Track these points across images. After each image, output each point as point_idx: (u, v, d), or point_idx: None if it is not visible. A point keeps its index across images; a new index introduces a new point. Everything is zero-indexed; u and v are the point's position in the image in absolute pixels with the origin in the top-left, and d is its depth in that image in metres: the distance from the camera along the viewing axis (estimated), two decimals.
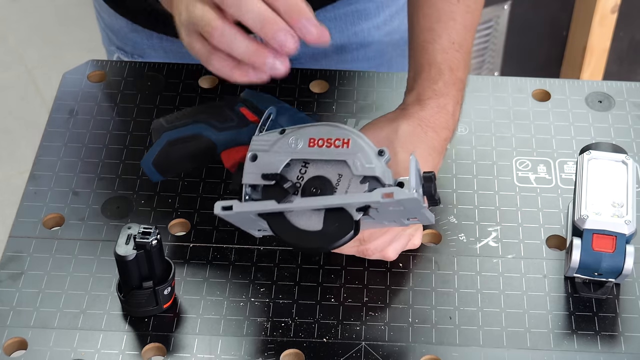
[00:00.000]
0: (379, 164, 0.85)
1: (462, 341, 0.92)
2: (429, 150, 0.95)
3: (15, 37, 2.70)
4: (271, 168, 0.88)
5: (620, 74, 2.20)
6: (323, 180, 0.87)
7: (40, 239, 1.00)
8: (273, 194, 0.88)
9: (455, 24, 0.98)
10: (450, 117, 0.97)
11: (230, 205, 0.87)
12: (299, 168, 0.88)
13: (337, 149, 0.86)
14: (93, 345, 0.91)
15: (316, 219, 0.87)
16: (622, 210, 0.94)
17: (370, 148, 0.86)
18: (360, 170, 0.86)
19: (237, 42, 0.79)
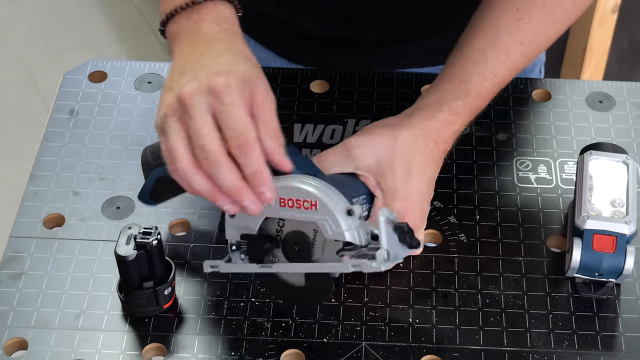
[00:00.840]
0: (348, 226, 0.85)
1: (462, 341, 0.92)
2: (428, 161, 0.95)
3: (15, 37, 2.70)
4: (248, 228, 0.89)
5: (620, 74, 2.20)
6: (300, 235, 0.88)
7: (41, 239, 1.00)
8: (256, 249, 0.90)
9: (506, 60, 0.97)
10: (452, 133, 0.97)
11: (217, 265, 0.91)
12: (277, 221, 0.89)
13: (306, 210, 0.86)
14: (93, 345, 0.91)
15: (299, 275, 0.90)
16: (622, 210, 0.94)
17: (339, 208, 0.86)
18: (330, 235, 0.86)
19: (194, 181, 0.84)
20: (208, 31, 0.91)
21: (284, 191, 0.87)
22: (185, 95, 0.83)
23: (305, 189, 0.86)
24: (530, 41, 0.98)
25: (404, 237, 0.86)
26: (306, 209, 0.86)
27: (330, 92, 1.15)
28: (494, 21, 0.98)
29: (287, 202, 0.87)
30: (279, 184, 0.86)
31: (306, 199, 0.86)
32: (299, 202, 0.86)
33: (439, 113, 0.96)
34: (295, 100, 1.14)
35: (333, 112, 1.13)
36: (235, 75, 0.84)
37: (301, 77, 1.17)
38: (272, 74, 1.17)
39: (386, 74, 1.17)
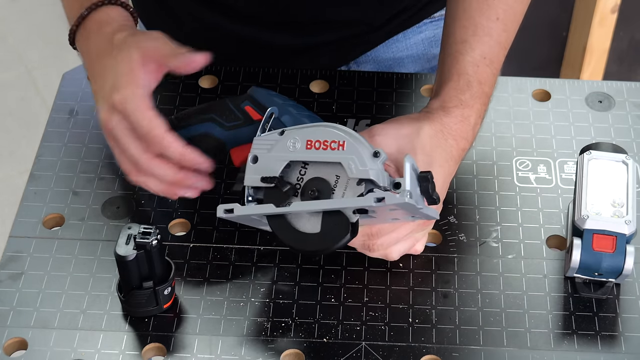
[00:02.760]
0: (373, 166, 0.86)
1: (462, 341, 0.92)
2: (447, 158, 0.95)
3: (15, 37, 2.70)
4: (270, 171, 0.88)
5: (620, 74, 2.20)
6: (321, 181, 0.88)
7: (41, 239, 1.00)
8: (274, 195, 0.88)
9: (490, 40, 0.99)
10: (470, 129, 0.97)
11: (232, 209, 0.89)
12: (299, 169, 0.88)
13: (333, 151, 0.87)
14: (93, 345, 0.91)
15: (315, 221, 0.88)
16: (622, 210, 0.94)
17: (366, 149, 0.86)
18: (354, 173, 0.86)
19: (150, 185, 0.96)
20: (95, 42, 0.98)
21: (310, 134, 0.87)
22: (103, 122, 0.93)
23: (334, 130, 0.87)
24: (505, 14, 1.00)
25: (426, 186, 0.86)
26: (333, 149, 0.87)
27: (330, 92, 1.15)
28: (465, 9, 1.00)
29: (313, 144, 0.87)
30: (304, 129, 0.88)
31: (334, 140, 0.87)
32: (326, 144, 0.87)
33: (452, 109, 0.96)
34: (295, 101, 1.13)
35: (333, 112, 1.13)
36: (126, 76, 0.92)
37: (301, 77, 1.17)
38: (271, 73, 1.17)
39: (386, 74, 1.17)
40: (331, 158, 0.87)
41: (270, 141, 0.89)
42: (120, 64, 0.93)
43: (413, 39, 1.23)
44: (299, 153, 0.88)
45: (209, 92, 1.14)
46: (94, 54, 0.98)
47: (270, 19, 1.17)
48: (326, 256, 0.98)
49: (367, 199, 0.85)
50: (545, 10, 2.11)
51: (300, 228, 0.89)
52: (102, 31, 0.98)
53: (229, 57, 1.17)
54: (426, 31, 1.23)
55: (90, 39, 0.99)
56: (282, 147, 0.88)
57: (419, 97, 1.15)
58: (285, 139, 0.88)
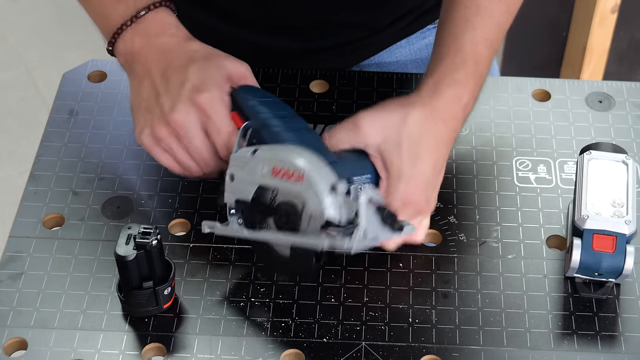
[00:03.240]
0: (331, 203, 0.86)
1: (462, 341, 0.92)
2: (437, 143, 0.94)
3: (15, 37, 2.70)
4: (244, 193, 0.91)
5: (620, 74, 2.20)
6: (290, 206, 0.88)
7: (40, 239, 1.00)
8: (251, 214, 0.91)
9: (491, 21, 0.99)
10: (461, 110, 0.96)
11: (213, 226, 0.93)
12: (271, 190, 0.90)
13: (295, 183, 0.87)
14: (93, 345, 0.91)
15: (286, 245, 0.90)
16: (622, 210, 0.94)
17: (324, 182, 0.86)
18: (312, 209, 0.86)
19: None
20: (160, 44, 0.99)
21: (277, 161, 0.88)
22: (178, 121, 0.95)
23: (293, 161, 0.87)
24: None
25: (385, 220, 0.86)
26: (295, 181, 0.87)
27: (330, 92, 1.15)
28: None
29: (279, 172, 0.88)
30: (272, 152, 0.89)
31: (295, 170, 0.87)
32: (289, 173, 0.87)
33: (445, 88, 0.95)
34: (295, 100, 1.14)
35: (333, 112, 1.13)
36: (211, 84, 0.95)
37: (301, 77, 1.17)
38: (271, 73, 1.17)
39: (386, 74, 1.17)
40: (292, 189, 0.87)
41: (244, 159, 0.91)
42: (209, 70, 0.96)
43: (417, 44, 1.23)
44: (266, 179, 0.89)
45: None
46: (159, 51, 0.98)
47: (268, 22, 1.17)
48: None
49: (320, 239, 0.87)
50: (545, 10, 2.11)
51: (277, 248, 0.91)
52: (170, 32, 1.00)
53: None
54: (429, 37, 1.23)
55: (151, 37, 0.99)
56: (254, 169, 0.90)
57: None
58: (256, 162, 0.89)
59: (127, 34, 0.99)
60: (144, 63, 0.98)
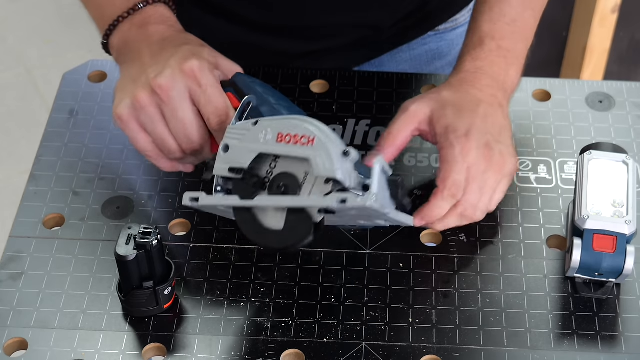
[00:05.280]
0: (342, 165, 0.84)
1: (462, 341, 0.92)
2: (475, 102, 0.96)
3: (15, 37, 2.70)
4: (240, 162, 0.87)
5: (620, 74, 2.19)
6: (290, 177, 0.86)
7: (41, 239, 1.00)
8: (242, 187, 0.87)
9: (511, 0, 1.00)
10: (490, 79, 0.98)
11: (197, 198, 0.88)
12: (269, 162, 0.87)
13: (302, 146, 0.85)
14: (93, 345, 0.91)
15: (279, 217, 0.86)
16: (622, 210, 0.94)
17: (336, 147, 0.84)
18: (321, 171, 0.84)
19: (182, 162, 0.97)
20: (157, 31, 0.96)
21: (283, 126, 0.86)
22: (163, 85, 0.90)
23: (305, 125, 0.85)
24: None
25: (395, 191, 0.85)
26: (303, 144, 0.85)
27: (330, 92, 1.15)
28: None
29: (284, 137, 0.85)
30: (278, 121, 0.86)
31: (304, 135, 0.85)
32: (296, 138, 0.85)
33: (464, 64, 0.99)
34: (295, 100, 1.13)
35: (333, 112, 1.13)
36: (201, 57, 0.92)
37: (301, 77, 1.17)
38: (272, 74, 1.16)
39: (386, 74, 1.17)
40: (299, 153, 0.85)
41: (243, 131, 0.87)
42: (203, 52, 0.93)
43: (417, 50, 1.24)
44: (269, 145, 0.86)
45: None
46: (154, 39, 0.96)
47: (268, 23, 1.17)
48: (326, 255, 0.98)
49: (329, 199, 0.83)
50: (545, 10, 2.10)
51: (265, 223, 0.87)
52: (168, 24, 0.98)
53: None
54: (430, 44, 1.24)
55: (148, 25, 0.97)
56: (254, 137, 0.86)
57: None
58: (258, 130, 0.86)
59: (123, 25, 0.98)
60: (137, 49, 0.96)
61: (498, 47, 0.99)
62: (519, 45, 1.00)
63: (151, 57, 0.93)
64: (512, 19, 1.00)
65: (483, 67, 0.98)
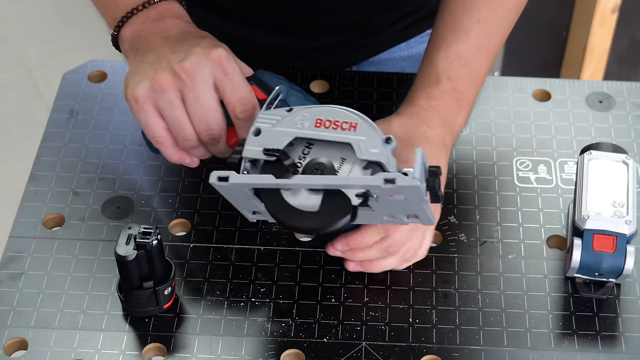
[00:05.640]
0: (384, 150, 0.83)
1: (462, 341, 0.92)
2: (426, 143, 0.94)
3: (15, 37, 2.70)
4: (274, 144, 0.85)
5: (620, 74, 2.19)
6: (325, 162, 0.85)
7: (41, 239, 1.00)
8: (272, 171, 0.85)
9: (468, 40, 0.99)
10: (440, 119, 0.97)
11: (227, 177, 0.84)
12: (302, 148, 0.86)
13: (344, 131, 0.84)
14: (93, 345, 0.91)
15: (313, 200, 0.85)
16: (622, 210, 0.94)
17: (377, 134, 0.84)
18: (364, 154, 0.83)
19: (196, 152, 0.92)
20: (174, 25, 0.94)
21: (320, 112, 0.85)
22: (189, 69, 0.88)
23: (345, 112, 0.85)
24: (487, 17, 0.99)
25: (433, 181, 0.83)
26: (344, 129, 0.84)
27: (330, 92, 1.15)
28: (450, 10, 1.01)
29: (323, 122, 0.85)
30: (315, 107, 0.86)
31: (345, 120, 0.84)
32: (337, 123, 0.84)
33: (417, 100, 0.97)
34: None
35: None
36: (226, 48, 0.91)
37: (301, 77, 1.17)
38: None
39: (386, 74, 1.17)
40: (341, 138, 0.84)
41: (276, 116, 0.86)
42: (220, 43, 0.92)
43: (415, 48, 1.24)
44: (307, 130, 0.85)
45: None
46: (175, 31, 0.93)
47: (268, 21, 1.17)
48: (326, 256, 0.98)
49: (375, 178, 0.81)
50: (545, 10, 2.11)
51: (297, 206, 0.85)
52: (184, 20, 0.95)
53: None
54: None
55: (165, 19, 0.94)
56: (290, 122, 0.85)
57: None
58: (294, 116, 0.86)
59: (138, 17, 0.95)
60: (153, 42, 0.93)
61: (452, 89, 0.98)
62: (471, 88, 1.00)
63: (170, 48, 0.91)
64: (467, 60, 0.99)
65: (437, 107, 0.97)
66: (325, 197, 0.84)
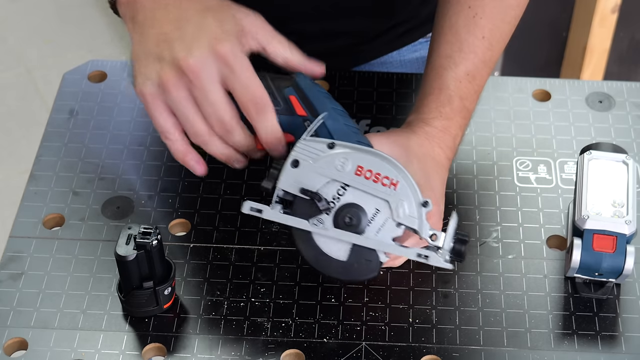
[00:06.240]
0: (421, 216, 0.85)
1: (462, 341, 0.92)
2: (439, 165, 0.95)
3: (15, 37, 2.70)
4: (310, 183, 0.86)
5: (620, 74, 2.20)
6: (359, 209, 0.86)
7: (41, 239, 1.00)
8: (305, 206, 0.87)
9: (475, 57, 0.99)
10: (451, 139, 0.97)
11: (260, 210, 0.87)
12: (337, 188, 0.86)
13: (384, 187, 0.85)
14: (93, 345, 0.91)
15: (342, 247, 0.87)
16: (622, 210, 0.94)
17: (416, 195, 0.85)
18: (401, 218, 0.85)
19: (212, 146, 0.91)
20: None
21: (363, 159, 0.85)
22: (193, 67, 0.86)
23: (387, 165, 0.85)
24: (491, 33, 0.99)
25: (460, 247, 0.87)
26: (384, 185, 0.85)
27: (330, 92, 1.15)
28: (452, 25, 1.00)
29: (364, 172, 0.85)
30: (359, 152, 0.85)
31: (387, 176, 0.85)
32: (378, 177, 0.85)
33: (433, 120, 0.97)
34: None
35: None
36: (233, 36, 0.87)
37: None
38: None
39: (386, 74, 1.17)
40: (380, 194, 0.85)
41: (316, 150, 0.86)
42: (227, 23, 0.88)
43: (408, 57, 1.24)
44: (346, 176, 0.85)
45: None
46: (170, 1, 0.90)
47: None
48: None
49: (410, 252, 0.86)
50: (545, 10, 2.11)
51: (324, 248, 0.88)
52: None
53: None
54: (421, 50, 1.24)
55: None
56: (329, 163, 0.86)
57: None
58: (335, 156, 0.86)
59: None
60: (150, 9, 0.90)
61: (463, 107, 0.98)
62: (474, 103, 1.00)
63: (171, 24, 0.88)
64: (474, 77, 0.99)
65: (449, 128, 0.97)
66: (354, 249, 0.87)
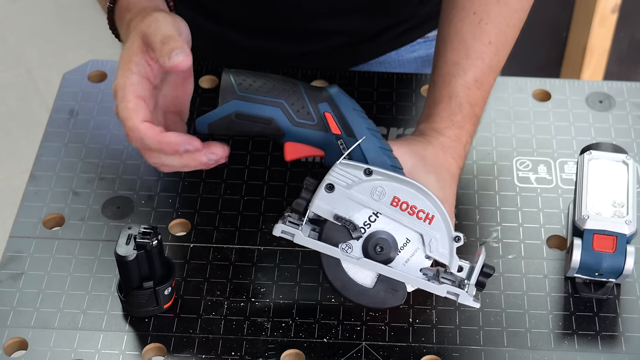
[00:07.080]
0: (452, 250, 0.87)
1: (462, 341, 0.92)
2: (452, 176, 0.95)
3: (15, 37, 2.70)
4: (345, 209, 0.86)
5: (620, 74, 2.19)
6: (389, 238, 0.87)
7: (41, 239, 1.00)
8: (336, 230, 0.87)
9: (482, 64, 0.99)
10: (462, 148, 0.97)
11: (293, 234, 0.88)
12: (369, 215, 0.87)
13: (419, 220, 0.86)
14: (93, 345, 0.91)
15: (370, 275, 0.89)
16: (622, 210, 0.94)
17: (449, 230, 0.86)
18: (433, 253, 0.87)
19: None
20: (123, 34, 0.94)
21: (399, 190, 0.86)
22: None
23: (423, 198, 0.86)
24: (497, 38, 0.99)
25: (484, 280, 0.88)
26: (419, 218, 0.86)
27: None
28: (457, 32, 1.00)
29: (400, 203, 0.86)
30: (398, 182, 0.86)
31: (422, 210, 0.86)
32: (414, 209, 0.86)
33: (446, 130, 0.97)
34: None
35: None
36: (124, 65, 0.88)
37: (301, 77, 1.17)
38: None
39: (386, 74, 1.17)
40: (415, 227, 0.86)
41: (351, 176, 0.86)
42: (125, 53, 0.89)
43: (406, 56, 1.24)
44: (382, 206, 0.86)
45: (209, 92, 1.14)
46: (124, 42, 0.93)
47: (257, 25, 1.17)
48: None
49: (440, 289, 0.88)
50: (545, 10, 2.11)
51: (352, 275, 0.89)
52: (125, 20, 0.94)
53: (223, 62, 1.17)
54: (419, 50, 1.24)
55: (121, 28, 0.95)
56: (365, 190, 0.86)
57: (419, 97, 1.15)
58: (371, 184, 0.86)
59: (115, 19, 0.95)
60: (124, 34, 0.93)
61: (473, 114, 0.98)
62: (482, 109, 1.01)
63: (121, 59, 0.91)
64: (482, 83, 0.99)
65: (461, 137, 0.97)
66: (381, 277, 0.89)
